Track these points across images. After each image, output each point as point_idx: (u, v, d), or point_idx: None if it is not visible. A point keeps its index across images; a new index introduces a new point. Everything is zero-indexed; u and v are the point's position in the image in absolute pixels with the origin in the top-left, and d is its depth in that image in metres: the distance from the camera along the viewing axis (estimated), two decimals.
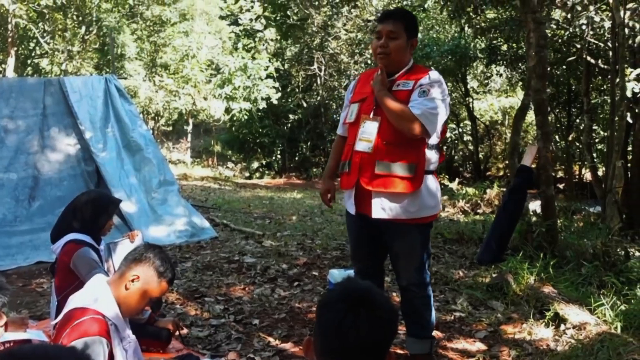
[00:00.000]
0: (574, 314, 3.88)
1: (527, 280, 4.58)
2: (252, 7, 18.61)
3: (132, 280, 2.38)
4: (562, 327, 3.79)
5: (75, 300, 2.34)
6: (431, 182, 2.96)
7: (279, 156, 20.64)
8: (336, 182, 3.28)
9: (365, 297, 1.48)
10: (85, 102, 6.57)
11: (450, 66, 15.72)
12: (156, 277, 2.42)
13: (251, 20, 18.94)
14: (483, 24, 12.77)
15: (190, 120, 20.33)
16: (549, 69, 13.21)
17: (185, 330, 3.67)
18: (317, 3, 18.53)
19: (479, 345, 3.67)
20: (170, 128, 23.47)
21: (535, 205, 7.27)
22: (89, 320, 2.22)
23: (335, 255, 5.90)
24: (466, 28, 15.04)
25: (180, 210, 6.78)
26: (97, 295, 2.34)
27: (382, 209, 2.91)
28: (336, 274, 4.28)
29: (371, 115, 2.96)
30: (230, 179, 17.83)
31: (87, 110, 6.55)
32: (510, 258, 5.23)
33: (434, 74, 2.93)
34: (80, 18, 17.08)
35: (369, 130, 2.95)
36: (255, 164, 20.33)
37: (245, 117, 18.74)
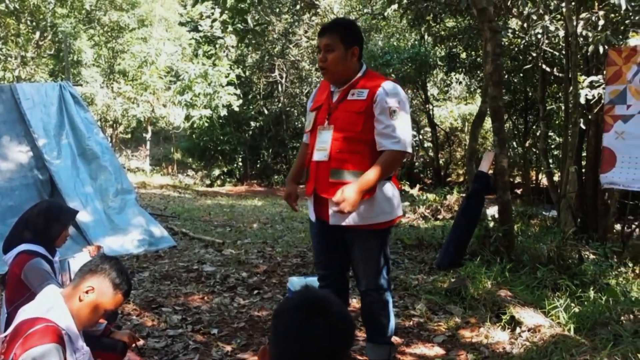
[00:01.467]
0: (529, 316, 3.95)
1: (485, 285, 4.65)
2: (212, 13, 18.48)
3: (87, 292, 2.32)
4: (518, 330, 3.86)
5: (26, 312, 2.27)
6: (387, 188, 2.94)
7: (240, 163, 20.55)
8: (302, 187, 3.26)
9: (322, 305, 1.47)
10: (39, 109, 6.40)
11: (411, 73, 15.91)
12: (111, 289, 2.37)
13: (211, 27, 18.79)
14: (442, 33, 12.99)
15: (150, 128, 20.04)
16: (505, 76, 13.54)
17: (141, 342, 3.60)
18: (277, 10, 18.55)
19: (437, 350, 3.70)
20: (129, 136, 23.11)
21: (493, 211, 7.39)
22: (42, 329, 2.15)
23: (296, 263, 5.88)
24: (426, 36, 15.26)
25: (138, 219, 6.66)
26: (50, 305, 2.27)
27: (338, 216, 2.93)
28: (296, 282, 4.26)
29: (325, 124, 2.99)
30: (190, 187, 17.65)
31: (41, 117, 6.38)
32: (469, 263, 5.30)
33: (388, 85, 2.88)
34: (35, 23, 16.69)
35: (324, 139, 2.97)
36: (216, 172, 20.19)
37: (206, 124, 18.60)
